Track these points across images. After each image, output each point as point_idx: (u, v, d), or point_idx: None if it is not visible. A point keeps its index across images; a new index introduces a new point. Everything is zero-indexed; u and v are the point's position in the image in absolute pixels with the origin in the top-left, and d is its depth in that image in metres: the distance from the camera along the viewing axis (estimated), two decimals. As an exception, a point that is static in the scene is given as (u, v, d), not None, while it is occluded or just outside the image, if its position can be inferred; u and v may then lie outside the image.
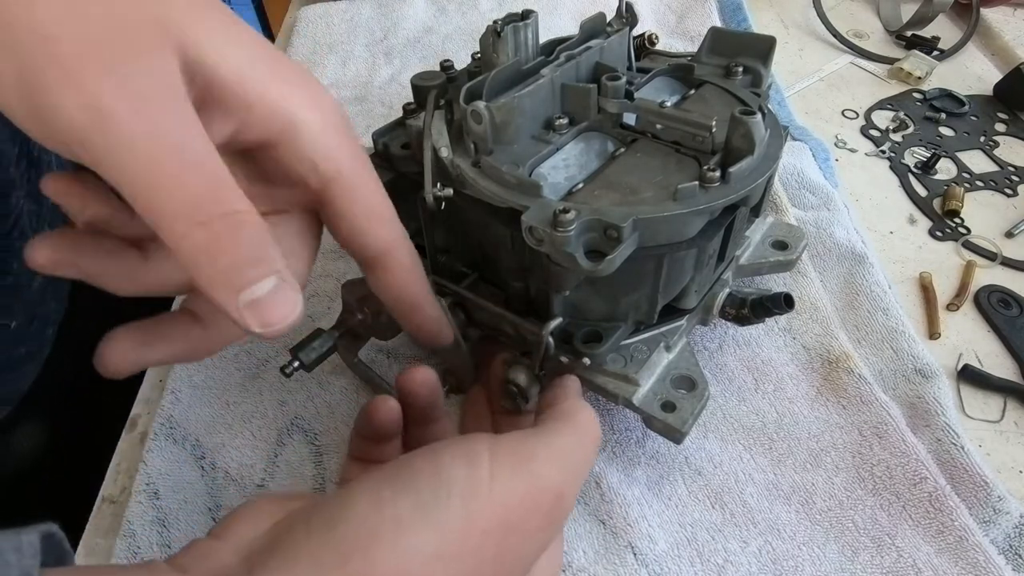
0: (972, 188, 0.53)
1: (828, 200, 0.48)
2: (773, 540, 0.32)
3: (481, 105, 0.30)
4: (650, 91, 0.37)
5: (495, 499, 0.20)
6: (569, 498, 0.22)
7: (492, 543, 0.20)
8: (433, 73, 0.37)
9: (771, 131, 0.32)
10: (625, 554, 0.31)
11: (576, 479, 0.23)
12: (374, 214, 0.26)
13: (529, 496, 0.21)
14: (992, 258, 0.48)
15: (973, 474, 0.33)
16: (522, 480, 0.21)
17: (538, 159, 0.32)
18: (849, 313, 0.42)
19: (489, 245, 0.34)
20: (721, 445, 0.35)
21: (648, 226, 0.27)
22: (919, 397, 0.36)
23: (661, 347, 0.33)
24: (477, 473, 0.20)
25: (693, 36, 0.66)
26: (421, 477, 0.20)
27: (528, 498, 0.21)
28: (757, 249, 0.40)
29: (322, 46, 0.67)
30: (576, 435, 0.24)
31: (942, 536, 0.31)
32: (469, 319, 0.35)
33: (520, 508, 0.20)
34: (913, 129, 0.59)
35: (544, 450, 0.22)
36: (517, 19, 0.34)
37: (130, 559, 0.32)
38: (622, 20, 0.38)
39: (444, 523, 0.19)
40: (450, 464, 0.21)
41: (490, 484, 0.20)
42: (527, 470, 0.21)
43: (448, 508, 0.19)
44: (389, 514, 0.19)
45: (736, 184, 0.29)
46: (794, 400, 0.37)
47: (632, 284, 0.31)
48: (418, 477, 0.20)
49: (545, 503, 0.21)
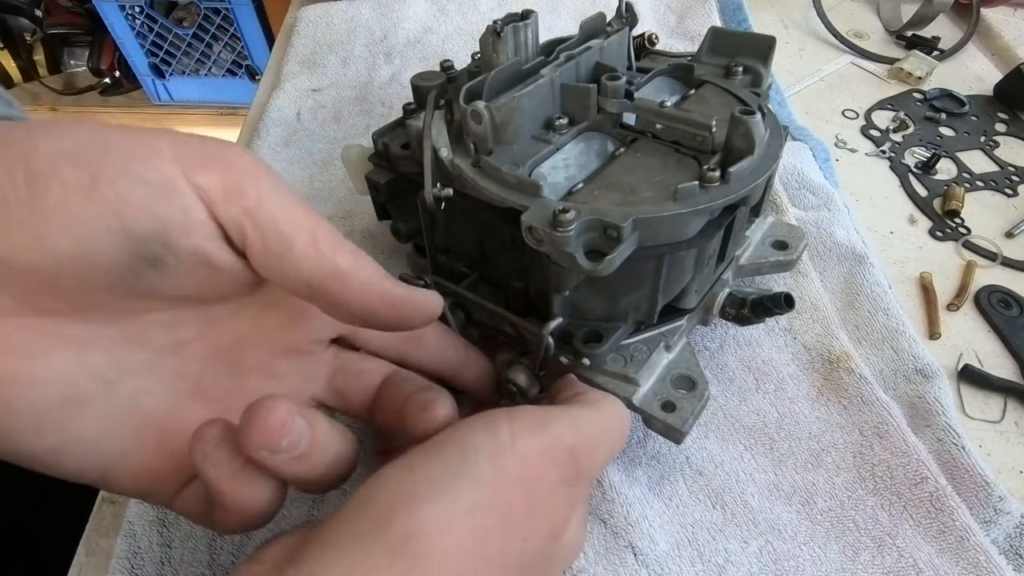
0: (972, 188, 0.53)
1: (828, 200, 0.48)
2: (774, 540, 0.32)
3: (481, 105, 0.30)
4: (650, 91, 0.37)
5: (517, 454, 0.22)
6: (584, 459, 0.24)
7: (521, 493, 0.21)
8: (433, 73, 0.37)
9: (771, 131, 0.32)
10: (625, 554, 0.31)
11: (591, 446, 0.24)
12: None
13: (546, 451, 0.23)
14: (992, 258, 0.48)
15: (974, 474, 0.33)
16: (538, 439, 0.23)
17: (538, 159, 0.31)
18: (849, 313, 0.42)
19: (489, 245, 0.34)
20: (722, 445, 0.35)
21: (648, 226, 0.27)
22: (920, 397, 0.36)
23: (661, 347, 0.33)
24: (499, 436, 0.22)
25: (693, 36, 0.66)
26: (448, 444, 0.22)
27: (545, 453, 0.22)
28: (757, 249, 0.40)
29: (322, 46, 0.67)
30: (595, 411, 0.26)
31: (943, 536, 0.31)
32: (469, 319, 0.35)
33: (539, 462, 0.22)
34: (913, 129, 0.59)
35: (559, 417, 0.24)
36: (517, 19, 0.34)
37: (131, 559, 0.32)
38: (622, 20, 0.38)
39: (475, 477, 0.21)
40: (473, 432, 0.22)
41: (512, 444, 0.22)
42: (543, 431, 0.23)
43: (477, 464, 0.21)
44: (423, 475, 0.21)
45: (736, 184, 0.29)
46: (795, 400, 0.37)
47: (632, 284, 0.31)
48: (445, 445, 0.22)
49: (560, 458, 0.23)
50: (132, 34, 1.74)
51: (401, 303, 0.24)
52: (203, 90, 1.90)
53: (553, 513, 0.23)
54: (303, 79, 0.63)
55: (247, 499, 0.22)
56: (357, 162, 0.39)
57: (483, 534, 0.20)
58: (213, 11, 1.69)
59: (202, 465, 0.21)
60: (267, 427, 0.20)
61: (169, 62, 1.83)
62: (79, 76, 2.00)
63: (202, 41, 1.76)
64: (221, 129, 1.87)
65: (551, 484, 0.23)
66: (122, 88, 1.96)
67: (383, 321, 0.24)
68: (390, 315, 0.24)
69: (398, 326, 0.25)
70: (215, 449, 0.21)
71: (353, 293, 0.23)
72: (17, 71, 1.96)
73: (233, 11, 1.67)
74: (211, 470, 0.21)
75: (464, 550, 0.20)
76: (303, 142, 0.57)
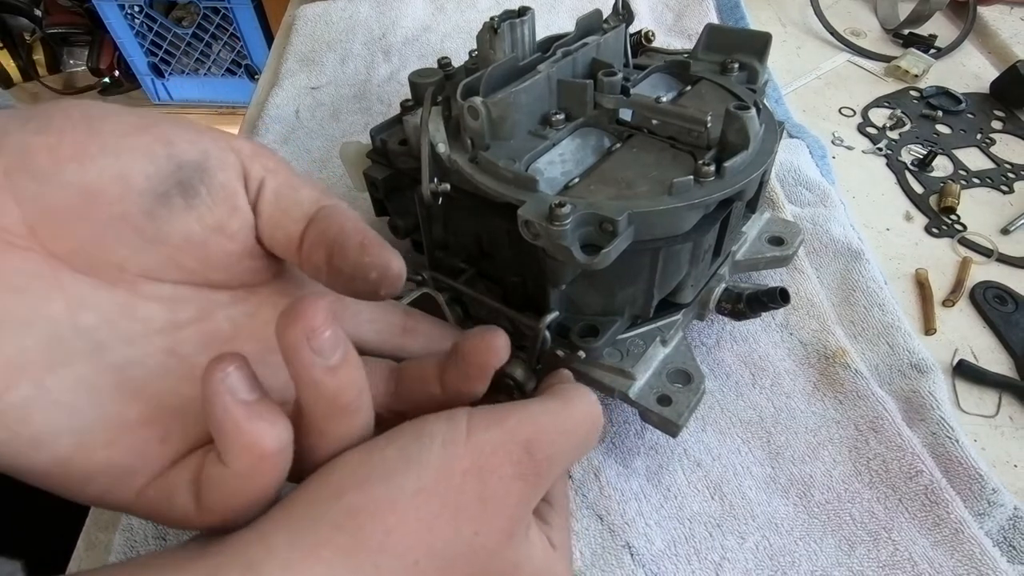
0: (968, 185, 0.53)
1: (825, 197, 0.48)
2: (770, 535, 0.32)
3: (478, 101, 0.30)
4: (646, 87, 0.37)
5: (471, 445, 0.22)
6: (540, 453, 0.23)
7: (472, 483, 0.22)
8: (431, 70, 0.37)
9: (766, 126, 0.32)
10: (622, 554, 0.31)
11: (550, 441, 0.24)
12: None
13: (501, 445, 0.23)
14: (988, 254, 0.48)
15: (968, 467, 0.33)
16: (493, 432, 0.23)
17: (534, 154, 0.32)
18: (845, 309, 0.42)
19: (486, 240, 0.34)
20: (719, 438, 0.35)
21: (643, 220, 0.28)
22: (915, 392, 0.37)
23: (657, 341, 0.33)
24: (456, 427, 0.23)
25: (691, 34, 0.66)
26: (407, 432, 0.23)
27: (500, 447, 0.23)
28: (753, 245, 0.40)
29: (321, 44, 0.67)
30: (560, 403, 0.25)
31: (938, 529, 0.31)
32: (467, 314, 0.36)
33: (493, 456, 0.22)
34: (910, 126, 0.60)
35: (519, 410, 0.24)
36: (514, 16, 0.34)
37: (128, 553, 0.32)
38: (619, 17, 0.38)
39: (425, 463, 0.22)
40: (433, 422, 0.23)
41: (467, 434, 0.23)
42: (499, 425, 0.23)
43: (430, 451, 0.22)
44: (378, 458, 0.22)
45: (731, 179, 0.29)
46: (791, 395, 0.37)
47: (628, 278, 0.31)
48: (404, 433, 0.23)
49: (515, 452, 0.23)
50: (131, 33, 1.75)
51: (384, 250, 0.23)
52: (202, 89, 1.91)
53: (506, 508, 0.23)
54: (302, 77, 0.63)
55: (267, 434, 0.20)
56: (355, 159, 0.39)
57: (430, 520, 0.21)
58: (212, 10, 1.69)
59: (217, 391, 0.19)
60: (313, 313, 0.20)
61: (168, 61, 1.83)
62: (78, 75, 2.00)
63: (201, 40, 1.76)
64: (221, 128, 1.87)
65: (505, 478, 0.22)
66: (121, 88, 1.97)
67: (366, 268, 0.23)
68: (373, 262, 0.23)
69: (377, 279, 0.23)
70: (236, 372, 0.20)
71: (346, 231, 0.23)
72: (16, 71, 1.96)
73: (232, 10, 1.68)
74: (227, 397, 0.19)
75: (408, 532, 0.20)
76: (302, 140, 0.57)
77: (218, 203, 0.23)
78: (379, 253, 0.23)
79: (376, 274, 0.23)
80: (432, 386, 0.28)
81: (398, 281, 0.23)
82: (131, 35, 1.75)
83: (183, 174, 0.22)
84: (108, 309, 0.22)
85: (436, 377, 0.28)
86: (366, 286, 0.23)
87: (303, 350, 0.20)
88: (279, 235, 0.24)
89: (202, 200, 0.22)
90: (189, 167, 0.22)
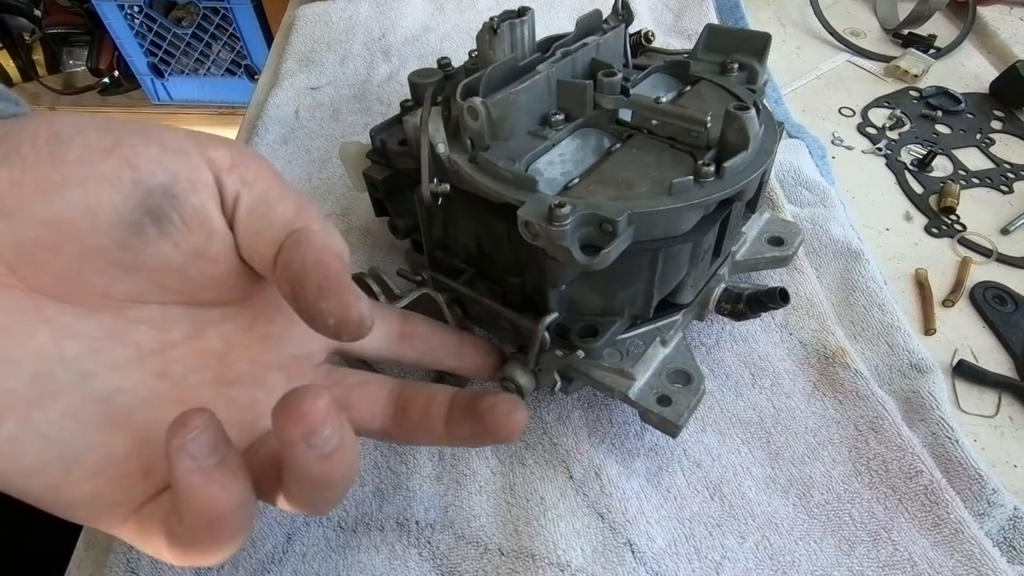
0: (968, 185, 0.53)
1: (824, 197, 0.48)
2: (770, 535, 0.32)
3: (477, 101, 0.30)
4: (646, 87, 0.37)
5: None
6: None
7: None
8: (431, 71, 0.37)
9: (766, 126, 0.32)
10: (624, 552, 0.31)
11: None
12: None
13: None
14: (987, 255, 0.48)
15: (968, 468, 0.33)
16: None
17: (534, 155, 0.32)
18: (845, 309, 0.42)
19: (486, 240, 0.34)
20: (719, 439, 0.35)
21: (643, 220, 0.28)
22: (914, 392, 0.37)
23: (657, 342, 0.33)
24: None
25: (691, 34, 0.66)
26: None
27: None
28: (753, 245, 0.40)
29: (320, 44, 0.67)
30: None
31: (938, 529, 0.31)
32: (466, 315, 0.36)
33: None
34: (909, 127, 0.60)
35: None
36: (513, 16, 0.34)
37: (127, 552, 0.32)
38: (618, 17, 0.38)
39: None
40: None
41: None
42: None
43: None
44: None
45: (730, 179, 0.29)
46: (791, 395, 0.37)
47: (628, 278, 0.31)
48: None
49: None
50: (131, 33, 1.74)
51: (343, 295, 0.22)
52: (202, 89, 1.90)
53: None
54: (301, 77, 0.63)
55: (219, 499, 0.20)
56: (355, 159, 0.39)
57: None
58: (212, 10, 1.69)
59: (176, 454, 0.19)
60: (314, 413, 0.19)
61: (168, 61, 1.83)
62: (78, 75, 1.99)
63: (201, 40, 1.76)
64: (220, 128, 1.87)
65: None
66: (121, 88, 1.96)
67: (323, 313, 0.21)
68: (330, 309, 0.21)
69: (335, 326, 0.22)
70: (198, 437, 0.19)
71: (307, 268, 0.21)
72: (16, 71, 1.96)
73: (232, 10, 1.68)
74: (186, 461, 0.19)
75: None
76: (301, 140, 0.57)
77: (193, 229, 0.22)
78: (337, 298, 0.21)
79: (333, 321, 0.21)
80: (436, 425, 0.27)
81: (359, 328, 0.21)
82: (131, 35, 1.75)
83: (152, 201, 0.21)
84: (94, 336, 0.22)
85: (441, 418, 0.27)
86: (326, 330, 0.21)
87: (299, 446, 0.20)
88: (255, 257, 0.23)
89: (176, 228, 0.22)
90: (158, 192, 0.21)
